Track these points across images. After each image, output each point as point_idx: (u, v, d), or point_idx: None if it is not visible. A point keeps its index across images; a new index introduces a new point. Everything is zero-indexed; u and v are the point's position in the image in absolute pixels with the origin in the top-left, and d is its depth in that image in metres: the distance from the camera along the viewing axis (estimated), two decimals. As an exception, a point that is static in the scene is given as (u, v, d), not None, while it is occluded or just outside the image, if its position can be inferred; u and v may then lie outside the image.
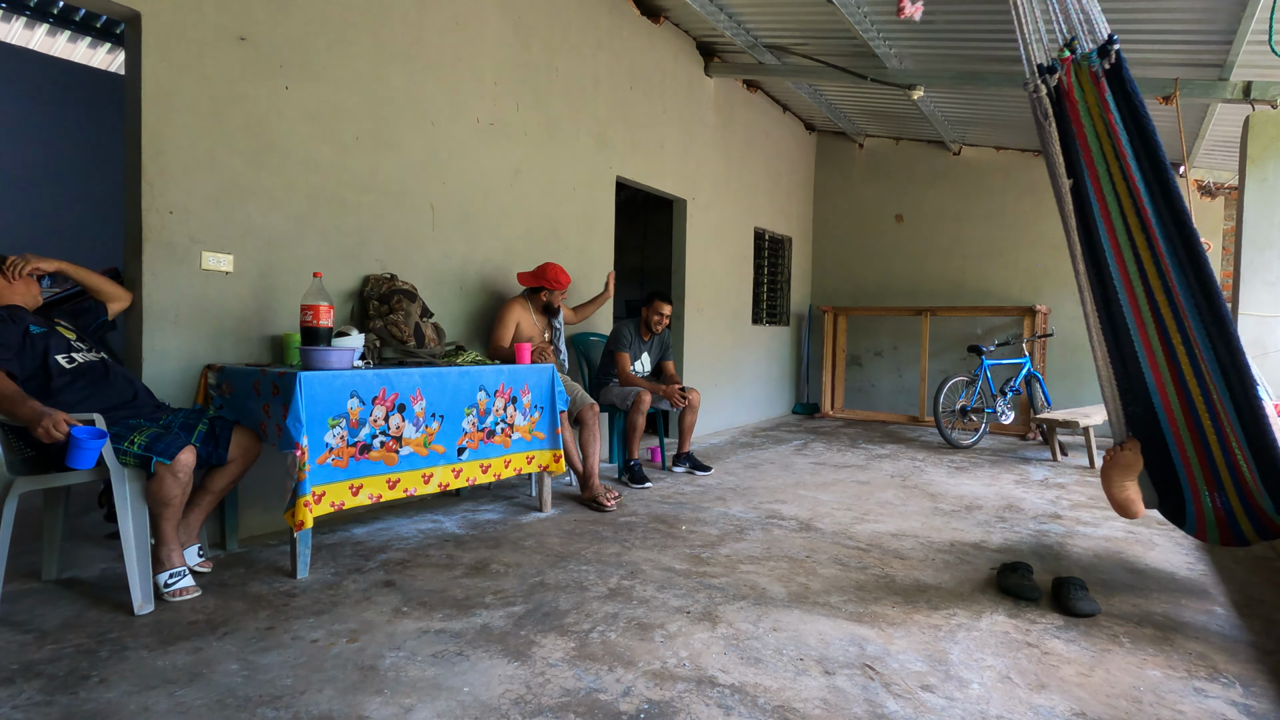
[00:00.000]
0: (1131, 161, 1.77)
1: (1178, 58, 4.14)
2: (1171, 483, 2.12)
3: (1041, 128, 1.90)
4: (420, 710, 1.61)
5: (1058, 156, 1.89)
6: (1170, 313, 1.83)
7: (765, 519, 3.30)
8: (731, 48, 5.59)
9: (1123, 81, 1.73)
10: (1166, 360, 1.90)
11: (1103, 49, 1.75)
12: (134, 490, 2.13)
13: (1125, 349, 1.99)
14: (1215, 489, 2.03)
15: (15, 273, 2.25)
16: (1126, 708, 1.69)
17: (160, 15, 2.58)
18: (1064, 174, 1.90)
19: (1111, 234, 1.86)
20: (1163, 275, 1.80)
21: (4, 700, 1.61)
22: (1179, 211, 1.72)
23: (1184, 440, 2.01)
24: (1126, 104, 1.74)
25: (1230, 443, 1.92)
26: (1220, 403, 1.86)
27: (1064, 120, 1.84)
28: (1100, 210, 1.85)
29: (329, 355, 2.52)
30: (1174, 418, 1.98)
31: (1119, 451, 2.19)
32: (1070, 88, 1.78)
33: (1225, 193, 5.99)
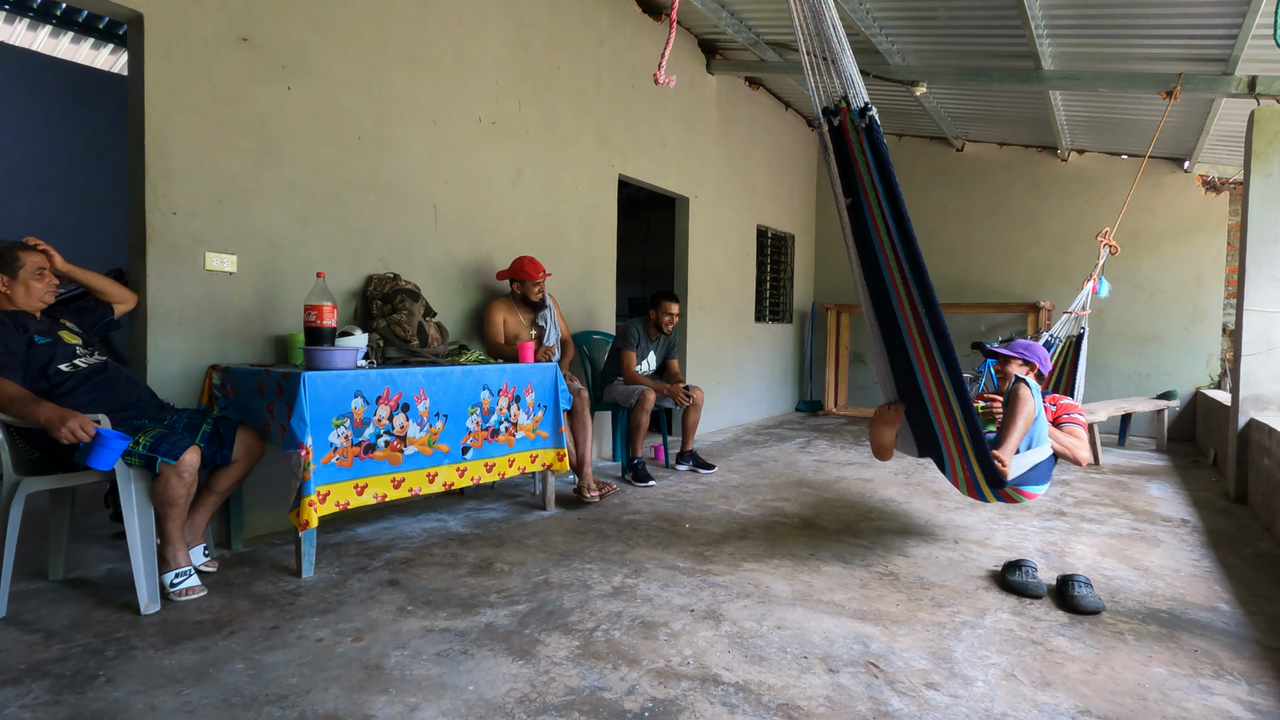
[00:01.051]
0: (883, 197, 2.22)
1: (1182, 52, 4.12)
2: (934, 442, 2.59)
3: (826, 157, 2.35)
4: (425, 709, 1.62)
5: (837, 180, 2.34)
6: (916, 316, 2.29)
7: (769, 516, 3.30)
8: (733, 45, 5.58)
9: (874, 140, 2.18)
10: (925, 352, 2.34)
11: (861, 112, 2.18)
12: (139, 490, 2.14)
13: (893, 334, 2.42)
14: (962, 456, 2.49)
15: (40, 275, 2.24)
16: (1131, 705, 1.69)
17: (162, 16, 2.58)
18: (842, 194, 2.34)
19: (880, 241, 2.29)
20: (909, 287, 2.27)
21: (12, 700, 1.62)
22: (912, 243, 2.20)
23: (939, 411, 2.45)
24: (876, 156, 2.19)
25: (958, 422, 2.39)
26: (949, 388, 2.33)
27: (843, 152, 2.28)
28: (872, 223, 2.29)
29: (333, 355, 2.53)
30: (930, 393, 2.43)
31: (886, 410, 2.67)
32: (847, 128, 2.24)
33: (1230, 188, 5.96)
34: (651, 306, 4.34)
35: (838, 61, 2.19)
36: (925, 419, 2.53)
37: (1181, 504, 3.72)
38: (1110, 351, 6.36)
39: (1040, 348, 3.13)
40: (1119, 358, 6.37)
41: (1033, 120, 5.96)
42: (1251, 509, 3.61)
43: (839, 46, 2.16)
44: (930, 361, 2.34)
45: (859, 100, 2.19)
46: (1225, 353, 6.03)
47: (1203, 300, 6.10)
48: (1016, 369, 3.04)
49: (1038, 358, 3.07)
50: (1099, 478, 4.36)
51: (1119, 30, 4.04)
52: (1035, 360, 3.06)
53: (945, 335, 2.25)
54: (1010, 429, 2.55)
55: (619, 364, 4.24)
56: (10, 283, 2.19)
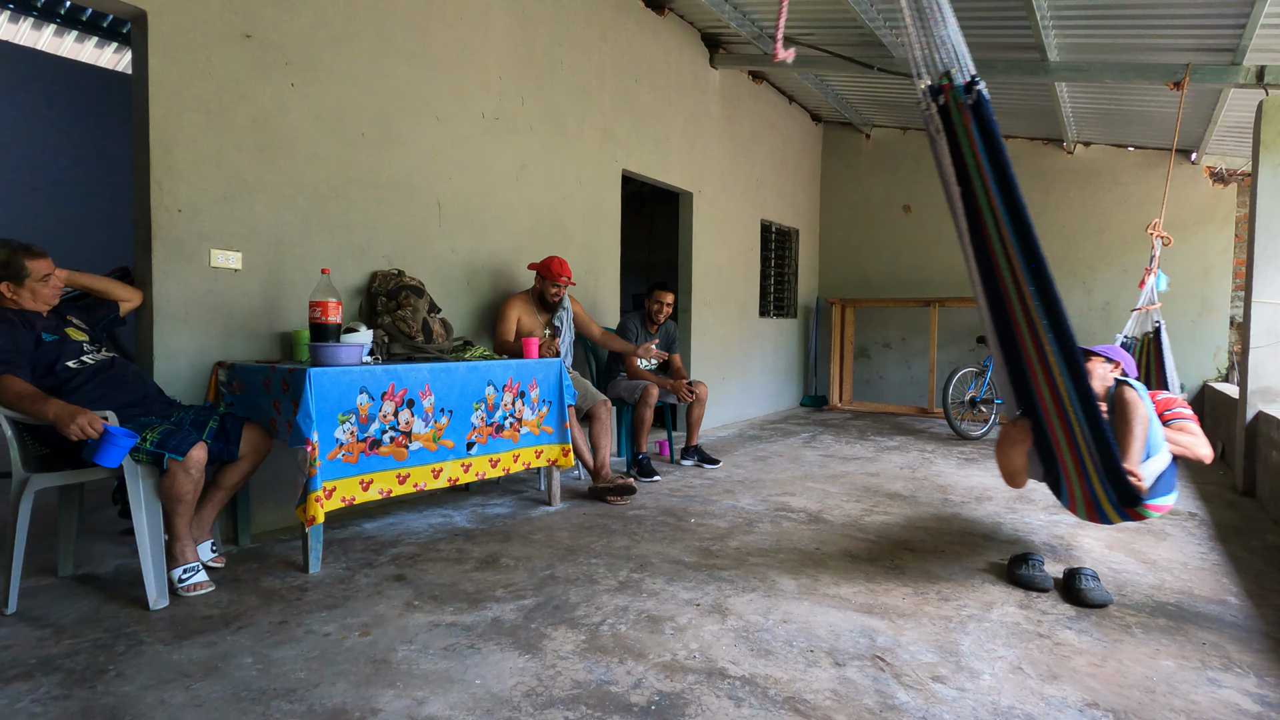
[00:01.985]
0: (993, 185, 1.95)
1: (1190, 42, 4.08)
2: (1050, 461, 2.31)
3: (934, 142, 2.08)
4: (433, 703, 1.62)
5: (949, 167, 2.07)
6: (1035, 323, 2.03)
7: (774, 511, 3.30)
8: (737, 39, 5.56)
9: (984, 117, 1.93)
10: (1040, 363, 2.08)
11: (967, 86, 1.94)
12: (147, 487, 2.15)
13: (1007, 343, 2.16)
14: (1081, 475, 2.20)
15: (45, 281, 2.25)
16: (1139, 698, 1.68)
17: (166, 14, 2.58)
18: (955, 181, 2.07)
19: (988, 241, 2.05)
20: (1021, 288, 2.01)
21: (23, 694, 1.63)
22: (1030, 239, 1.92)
23: (1056, 431, 2.17)
24: (986, 136, 1.93)
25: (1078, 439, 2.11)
26: (1069, 402, 2.05)
27: (951, 135, 2.02)
28: (979, 218, 2.04)
29: (338, 351, 2.53)
30: (1046, 408, 2.16)
31: (1012, 427, 2.34)
32: (950, 110, 1.98)
33: (1238, 179, 5.92)
34: (645, 298, 4.35)
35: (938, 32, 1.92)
36: (1042, 433, 2.23)
37: (1189, 497, 3.70)
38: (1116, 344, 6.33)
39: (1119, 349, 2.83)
40: (1126, 351, 6.33)
41: (1039, 112, 5.92)
42: (1260, 502, 3.60)
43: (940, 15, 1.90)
44: (1047, 369, 2.06)
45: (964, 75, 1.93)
46: (1233, 345, 6.00)
47: (1210, 293, 6.06)
48: (1098, 366, 2.68)
49: (1122, 358, 2.75)
50: (1106, 471, 4.34)
51: (1126, 21, 4.01)
52: (1119, 359, 2.73)
53: (1066, 336, 1.96)
54: (1129, 437, 2.23)
55: (621, 359, 4.25)
56: (16, 289, 2.20)
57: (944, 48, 1.94)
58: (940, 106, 2.02)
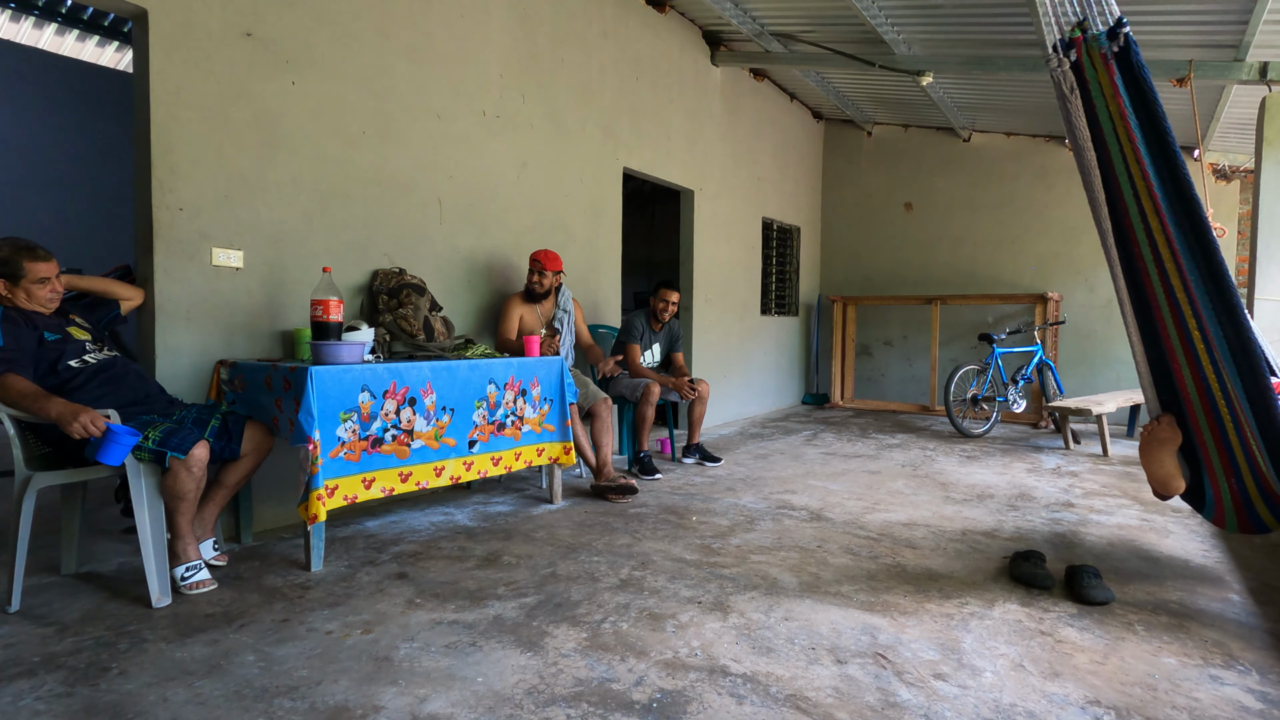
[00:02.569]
0: (1141, 146, 1.74)
1: (1192, 38, 4.07)
2: (1193, 468, 2.09)
3: (1066, 102, 1.86)
4: (435, 700, 1.63)
5: (1084, 129, 1.85)
6: (1186, 299, 1.80)
7: (776, 509, 3.30)
8: (738, 36, 5.55)
9: (1132, 66, 1.71)
10: (1183, 346, 1.86)
11: (1111, 31, 1.72)
12: (149, 485, 2.15)
13: (1149, 331, 1.96)
14: (1233, 475, 1.99)
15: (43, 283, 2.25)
16: (1141, 695, 1.68)
17: (167, 12, 2.58)
18: (1090, 147, 1.86)
19: (1127, 218, 1.83)
20: (1175, 262, 1.78)
21: (26, 692, 1.64)
22: (1189, 200, 1.69)
23: (1202, 427, 1.97)
24: (1136, 88, 1.72)
25: (1245, 430, 1.89)
26: (1233, 390, 1.83)
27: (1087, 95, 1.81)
28: (1117, 192, 1.83)
29: (339, 350, 2.53)
30: (1191, 405, 1.94)
31: (1157, 426, 2.09)
32: (1083, 67, 1.77)
33: (1241, 176, 5.90)
34: (650, 296, 4.35)
35: None
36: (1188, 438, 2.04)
37: (1191, 495, 3.70)
38: (1118, 342, 6.32)
39: None
40: (1128, 348, 6.32)
41: (1041, 109, 5.91)
42: (1262, 499, 3.59)
43: None
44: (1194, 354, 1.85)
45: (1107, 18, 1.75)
46: (1236, 343, 5.98)
47: (1213, 290, 6.04)
48: None
49: None
50: (1108, 469, 4.34)
51: (1128, 17, 3.98)
52: None
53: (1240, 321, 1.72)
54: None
55: (624, 357, 4.24)
56: (11, 288, 2.19)
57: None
58: (1074, 63, 1.82)
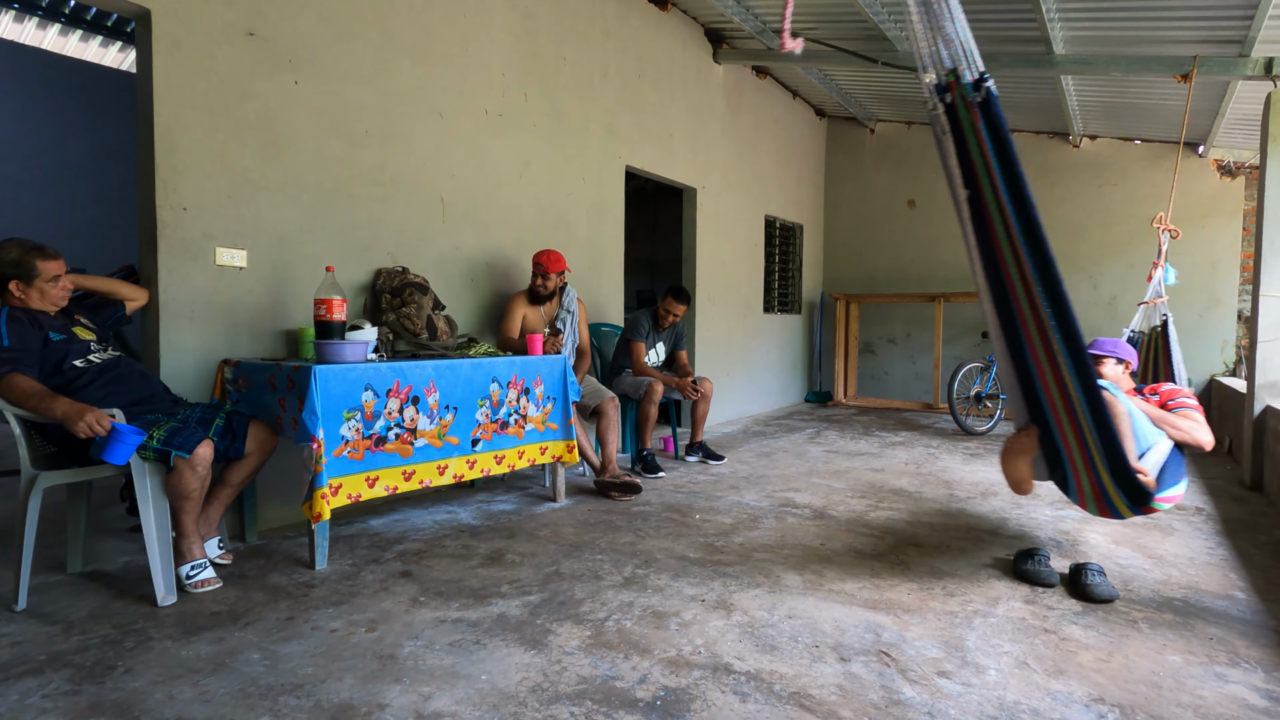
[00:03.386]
0: (1001, 184, 1.93)
1: (1197, 34, 4.05)
2: (1058, 461, 2.29)
3: (940, 142, 2.05)
4: (439, 698, 1.63)
5: (955, 169, 2.04)
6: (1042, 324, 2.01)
7: (779, 507, 3.30)
8: (740, 34, 5.54)
9: (993, 115, 1.89)
10: (1048, 361, 2.06)
11: (976, 84, 1.89)
12: (154, 484, 2.16)
13: (1014, 345, 2.14)
14: (1090, 471, 2.19)
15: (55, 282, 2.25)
16: (1146, 693, 1.68)
17: (170, 12, 2.59)
18: (962, 184, 2.05)
19: (996, 243, 2.02)
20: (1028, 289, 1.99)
21: (33, 690, 1.65)
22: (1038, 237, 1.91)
23: (1064, 426, 2.16)
24: (995, 134, 1.90)
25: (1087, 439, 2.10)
26: (1080, 408, 2.05)
27: (961, 134, 1.99)
28: (988, 221, 2.02)
29: (343, 349, 2.54)
30: (1055, 407, 2.14)
31: (1019, 437, 2.33)
32: (956, 108, 1.96)
33: (1246, 172, 5.88)
34: (660, 298, 4.35)
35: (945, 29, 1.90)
36: (1049, 435, 2.24)
37: (1196, 492, 3.69)
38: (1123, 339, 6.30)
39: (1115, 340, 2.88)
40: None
41: (1044, 106, 5.89)
42: (1267, 497, 3.58)
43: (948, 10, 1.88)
44: (1055, 370, 2.06)
45: (972, 71, 1.90)
46: (1241, 339, 5.97)
47: (1218, 287, 6.03)
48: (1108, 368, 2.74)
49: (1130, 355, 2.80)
50: (1112, 466, 4.32)
51: (1132, 13, 3.98)
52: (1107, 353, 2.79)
53: (1075, 340, 1.95)
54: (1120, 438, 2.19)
55: (628, 355, 4.24)
56: (25, 288, 2.21)
57: (951, 44, 1.90)
58: (947, 105, 1.98)
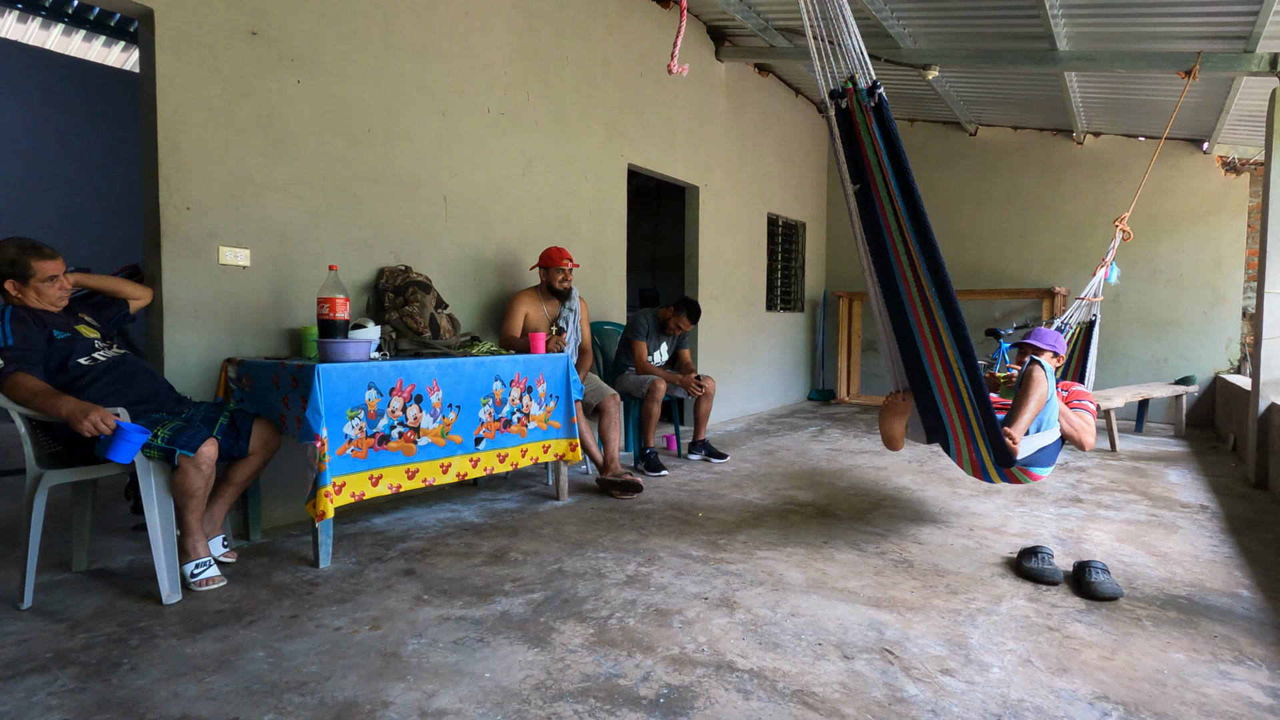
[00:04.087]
0: (892, 179, 2.18)
1: (1201, 30, 4.03)
2: (940, 427, 2.61)
3: (833, 141, 2.33)
4: (443, 696, 1.63)
5: (844, 166, 2.31)
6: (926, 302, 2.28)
7: (782, 505, 3.30)
8: (742, 31, 5.53)
9: (884, 118, 2.15)
10: (933, 339, 2.33)
11: (870, 90, 2.16)
12: (159, 483, 2.16)
13: (900, 320, 2.41)
14: (969, 438, 2.51)
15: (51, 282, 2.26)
16: (1150, 691, 1.68)
17: (173, 12, 2.59)
18: (850, 180, 2.32)
19: (888, 228, 2.27)
20: (916, 272, 2.26)
21: (39, 687, 1.65)
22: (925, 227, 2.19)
23: (946, 395, 2.45)
24: (886, 136, 2.16)
25: (967, 405, 2.39)
26: (959, 370, 2.32)
27: (850, 136, 2.26)
28: (880, 209, 2.26)
29: (346, 347, 2.54)
30: (938, 377, 2.43)
31: (895, 399, 2.66)
32: (854, 110, 2.22)
33: (1250, 169, 5.85)
34: (668, 308, 4.35)
35: (844, 41, 2.18)
36: (931, 403, 2.53)
37: (1200, 490, 3.68)
38: (1127, 337, 6.29)
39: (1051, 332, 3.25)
40: (1136, 343, 6.29)
41: (1047, 103, 5.87)
42: (1272, 494, 3.57)
43: (845, 25, 2.16)
44: (938, 343, 2.33)
45: (866, 79, 2.17)
46: (1245, 337, 5.94)
47: (1222, 284, 6.00)
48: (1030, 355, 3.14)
49: (1046, 342, 3.20)
50: (1116, 464, 4.32)
51: (1136, 9, 3.96)
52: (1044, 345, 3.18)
53: (956, 313, 2.23)
54: (1022, 408, 2.58)
55: (630, 354, 4.24)
56: (22, 288, 2.21)
57: (849, 55, 2.18)
58: (841, 109, 2.25)
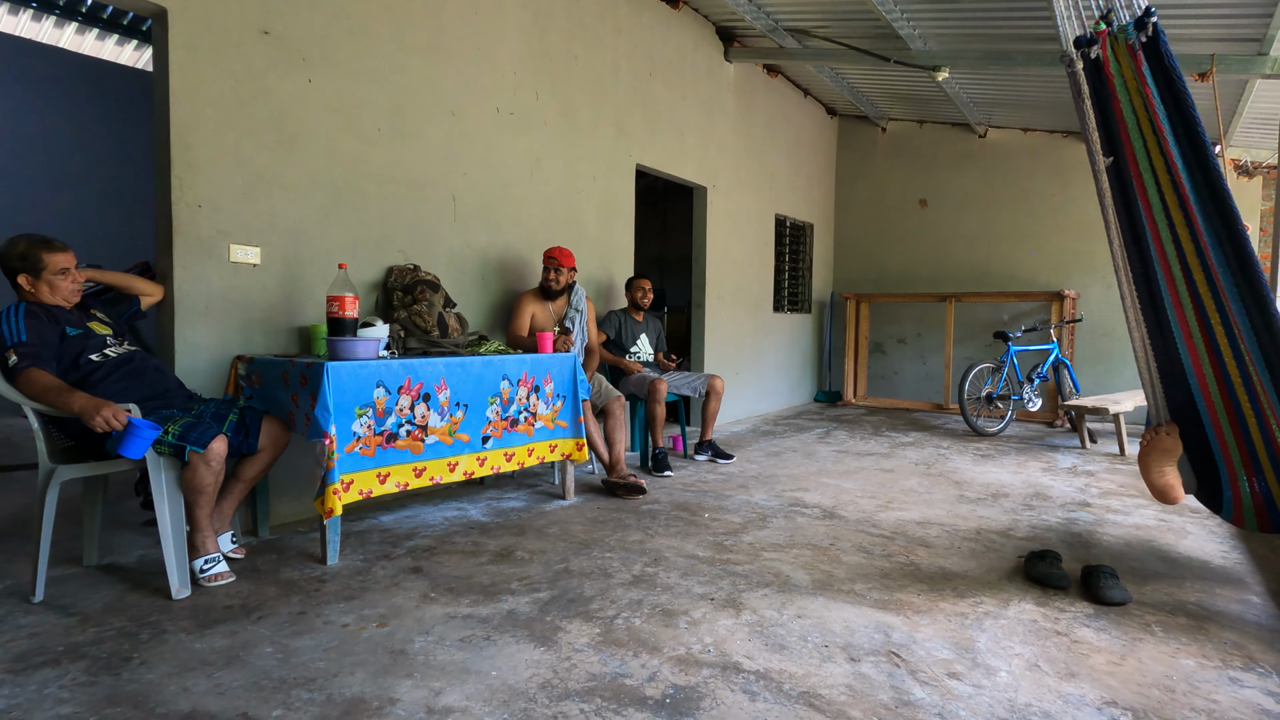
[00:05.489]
0: (1170, 138, 1.72)
1: (1215, 32, 4.01)
2: (1209, 468, 2.08)
3: (1079, 104, 1.87)
4: (449, 693, 1.64)
5: (1094, 133, 1.86)
6: (1209, 294, 1.78)
7: (788, 507, 3.30)
8: (751, 32, 5.52)
9: (1160, 55, 1.68)
10: (1205, 343, 1.86)
11: (1139, 21, 1.71)
12: (169, 479, 2.18)
13: (1165, 331, 1.94)
14: (1254, 474, 1.99)
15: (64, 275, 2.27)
16: (1159, 697, 1.67)
17: (186, 11, 2.61)
18: (1101, 151, 1.87)
19: (1149, 213, 1.81)
20: (1201, 255, 1.75)
21: (51, 680, 1.67)
22: (1219, 190, 1.67)
23: (1222, 425, 1.97)
24: (1164, 78, 1.69)
25: (1270, 425, 1.87)
26: (1261, 385, 1.81)
27: (1101, 96, 1.79)
28: (1137, 188, 1.80)
29: (355, 345, 2.55)
30: (1212, 402, 1.94)
31: (1158, 436, 2.11)
32: (1107, 61, 1.75)
33: (1264, 172, 5.81)
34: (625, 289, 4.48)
35: None
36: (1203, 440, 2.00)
37: (1210, 495, 3.65)
38: (1137, 340, 6.24)
39: None
40: (1146, 347, 6.24)
41: (1058, 104, 5.84)
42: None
43: None
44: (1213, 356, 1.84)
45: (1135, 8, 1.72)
46: (1257, 341, 5.89)
47: (1234, 288, 5.95)
48: None
49: None
50: (1124, 468, 4.30)
51: (1153, 7, 3.93)
52: None
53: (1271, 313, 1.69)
54: None
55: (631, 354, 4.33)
56: (34, 282, 2.23)
57: None
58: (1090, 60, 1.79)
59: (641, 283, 4.40)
